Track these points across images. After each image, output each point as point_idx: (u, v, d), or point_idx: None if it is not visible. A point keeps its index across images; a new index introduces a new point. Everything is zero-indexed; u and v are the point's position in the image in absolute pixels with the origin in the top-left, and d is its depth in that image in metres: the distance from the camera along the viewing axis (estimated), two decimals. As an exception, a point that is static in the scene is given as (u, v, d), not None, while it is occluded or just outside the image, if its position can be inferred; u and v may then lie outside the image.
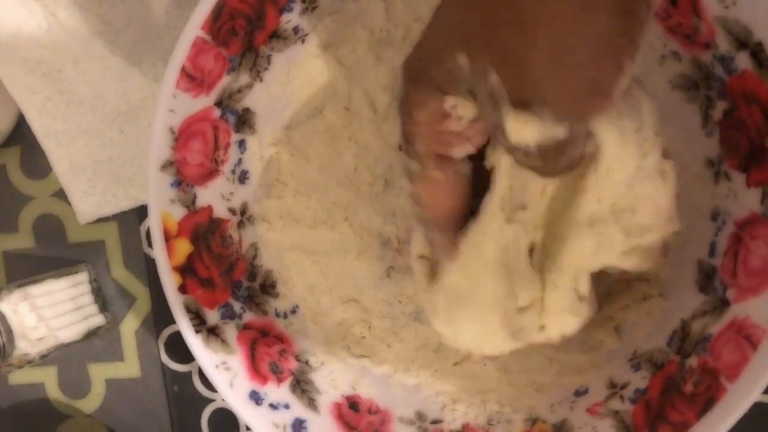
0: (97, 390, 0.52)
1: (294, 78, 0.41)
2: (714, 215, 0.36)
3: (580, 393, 0.39)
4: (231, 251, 0.41)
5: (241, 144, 0.41)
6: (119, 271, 0.51)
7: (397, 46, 0.41)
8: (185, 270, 0.39)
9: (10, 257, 0.53)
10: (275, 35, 0.39)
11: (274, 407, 0.39)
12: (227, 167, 0.41)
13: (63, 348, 0.47)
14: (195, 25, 0.37)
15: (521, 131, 0.26)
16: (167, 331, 0.50)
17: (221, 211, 0.41)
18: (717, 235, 0.35)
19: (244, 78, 0.39)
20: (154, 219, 0.38)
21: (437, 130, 0.28)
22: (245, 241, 0.42)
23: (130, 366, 0.51)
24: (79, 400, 0.52)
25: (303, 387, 0.40)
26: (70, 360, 0.52)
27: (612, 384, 0.38)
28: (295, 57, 0.41)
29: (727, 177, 0.35)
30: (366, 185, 0.43)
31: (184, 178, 0.39)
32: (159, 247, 0.39)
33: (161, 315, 0.50)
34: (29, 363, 0.46)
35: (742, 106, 0.33)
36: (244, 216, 0.42)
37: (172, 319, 0.40)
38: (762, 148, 0.33)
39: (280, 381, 0.40)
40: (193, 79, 0.38)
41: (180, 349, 0.50)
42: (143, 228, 0.50)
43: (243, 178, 0.41)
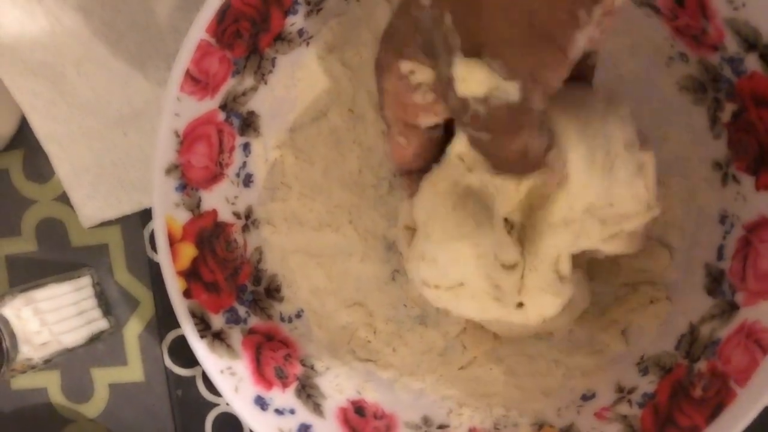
0: (101, 394, 0.52)
1: (298, 81, 0.41)
2: (722, 218, 0.36)
3: (587, 397, 0.38)
4: (236, 255, 0.41)
5: (246, 147, 0.41)
6: (122, 275, 0.51)
7: (402, 48, 0.41)
8: (190, 274, 0.39)
9: (12, 261, 0.53)
10: (280, 38, 0.39)
11: (279, 412, 0.39)
12: (232, 170, 0.40)
13: (66, 352, 0.47)
14: (199, 28, 0.36)
15: (468, 79, 0.25)
16: (171, 335, 0.50)
17: (226, 215, 0.41)
18: (725, 239, 0.35)
19: (248, 81, 0.39)
20: (158, 223, 0.38)
21: (402, 101, 0.30)
22: (250, 245, 0.42)
23: (133, 370, 0.51)
24: (83, 404, 0.52)
25: (308, 392, 0.40)
26: (73, 364, 0.52)
27: (620, 388, 0.37)
28: (300, 59, 0.41)
29: (736, 180, 0.35)
30: (370, 188, 0.43)
31: (188, 181, 0.39)
32: (163, 252, 0.38)
33: (165, 319, 0.50)
34: (32, 368, 0.46)
35: (751, 108, 0.33)
36: (248, 219, 0.42)
37: (175, 323, 0.40)
38: (772, 150, 0.33)
39: (285, 386, 0.40)
40: (198, 82, 0.37)
41: (183, 353, 0.50)
42: (147, 232, 0.50)
43: (247, 181, 0.41)
